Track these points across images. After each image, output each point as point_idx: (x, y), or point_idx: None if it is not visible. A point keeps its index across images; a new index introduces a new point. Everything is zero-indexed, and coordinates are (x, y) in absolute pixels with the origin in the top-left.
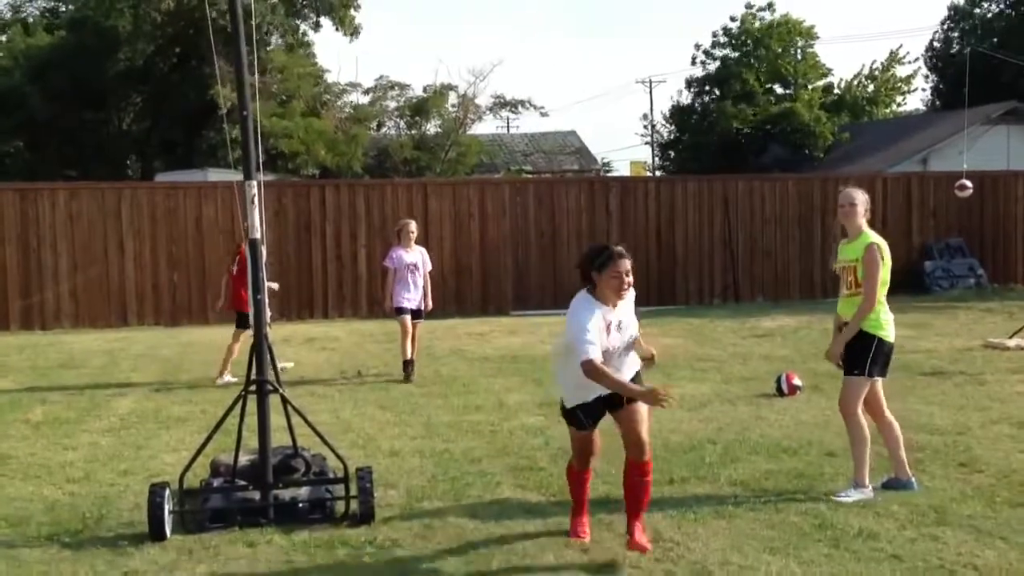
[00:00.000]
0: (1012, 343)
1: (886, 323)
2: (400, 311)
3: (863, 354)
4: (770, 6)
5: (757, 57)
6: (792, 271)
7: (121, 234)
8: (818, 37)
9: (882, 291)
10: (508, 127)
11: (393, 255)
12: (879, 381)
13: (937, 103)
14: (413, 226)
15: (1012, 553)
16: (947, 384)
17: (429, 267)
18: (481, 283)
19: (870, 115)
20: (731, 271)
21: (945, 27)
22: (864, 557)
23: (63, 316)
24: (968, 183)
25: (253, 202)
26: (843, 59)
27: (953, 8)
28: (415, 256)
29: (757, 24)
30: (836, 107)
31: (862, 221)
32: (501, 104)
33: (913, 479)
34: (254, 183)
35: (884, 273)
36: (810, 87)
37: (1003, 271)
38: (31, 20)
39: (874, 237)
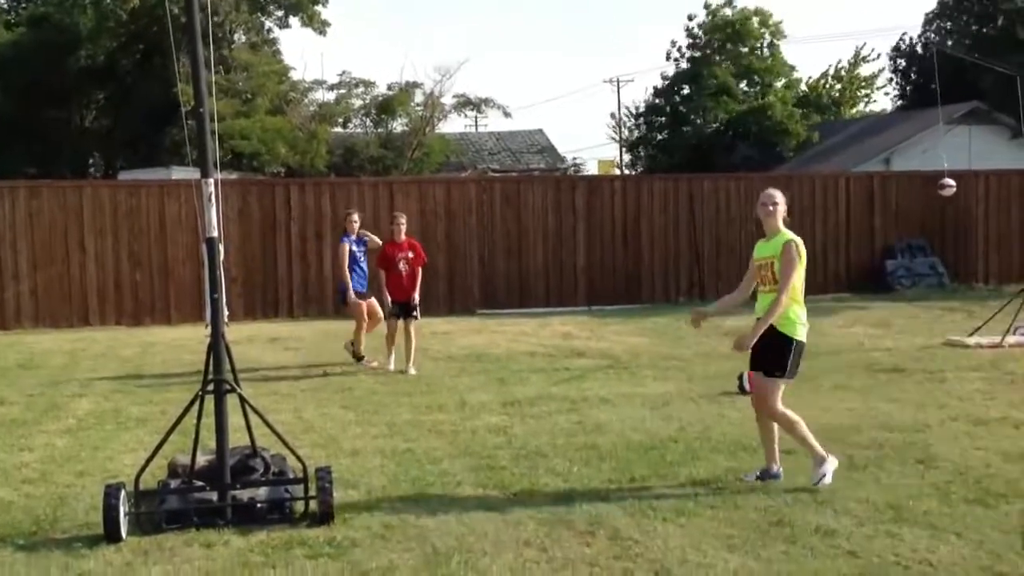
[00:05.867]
0: (972, 341)
1: (799, 323)
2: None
3: (783, 356)
4: (729, 2)
5: (728, 52)
6: None
7: (82, 232)
8: (785, 36)
9: (798, 290)
10: (476, 126)
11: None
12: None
13: (900, 102)
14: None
15: (966, 549)
16: (908, 382)
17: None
18: (448, 282)
19: (836, 114)
20: (697, 270)
21: (930, 25)
22: (821, 554)
23: (23, 316)
24: (951, 181)
25: (210, 200)
26: (807, 60)
27: (942, 5)
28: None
29: (730, 13)
30: (802, 105)
31: (779, 221)
32: (464, 103)
33: (779, 469)
34: (211, 181)
35: (800, 271)
36: (777, 85)
37: (964, 270)
38: None
39: (791, 235)
